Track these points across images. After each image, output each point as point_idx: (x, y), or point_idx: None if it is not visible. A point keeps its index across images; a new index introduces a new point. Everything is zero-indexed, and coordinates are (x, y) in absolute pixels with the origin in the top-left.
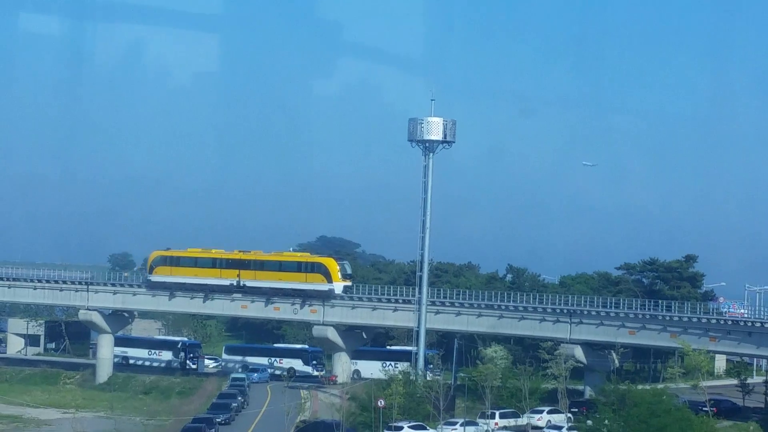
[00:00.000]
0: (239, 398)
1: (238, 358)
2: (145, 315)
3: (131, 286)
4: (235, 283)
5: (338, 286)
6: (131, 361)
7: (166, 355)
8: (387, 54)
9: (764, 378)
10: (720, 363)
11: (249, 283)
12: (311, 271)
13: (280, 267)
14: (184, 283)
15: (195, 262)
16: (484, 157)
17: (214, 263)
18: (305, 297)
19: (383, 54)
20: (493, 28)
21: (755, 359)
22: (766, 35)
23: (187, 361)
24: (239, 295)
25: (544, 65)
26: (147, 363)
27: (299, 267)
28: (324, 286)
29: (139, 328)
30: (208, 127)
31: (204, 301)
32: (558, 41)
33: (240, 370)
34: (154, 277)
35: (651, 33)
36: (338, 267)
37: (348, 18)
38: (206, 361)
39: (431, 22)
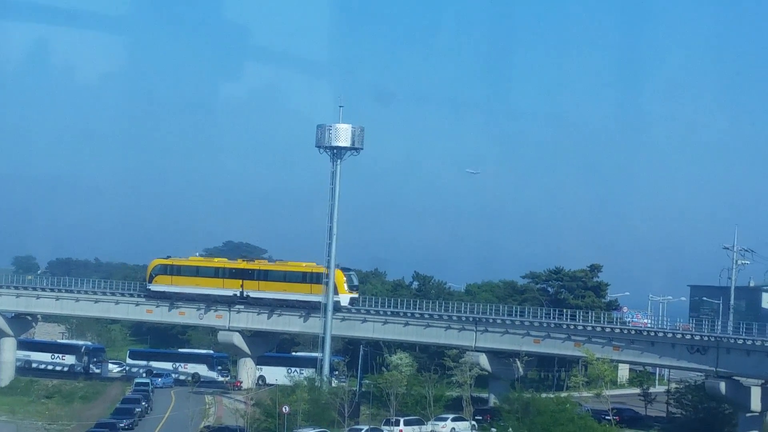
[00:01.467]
0: (143, 403)
1: (143, 362)
2: (48, 318)
3: (35, 289)
4: (238, 294)
5: (344, 298)
6: (34, 365)
7: (70, 359)
8: (296, 59)
9: (666, 387)
10: (623, 372)
11: (252, 294)
12: (317, 282)
13: (285, 277)
14: (186, 293)
15: (197, 271)
16: (392, 163)
17: (216, 272)
18: (311, 309)
19: (292, 59)
20: (401, 35)
21: (657, 369)
22: (670, 41)
23: (91, 366)
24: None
25: (453, 70)
26: (50, 367)
27: (304, 277)
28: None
29: (42, 332)
30: (116, 129)
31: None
32: (464, 46)
33: (144, 374)
34: (154, 287)
35: (556, 39)
36: (345, 278)
37: (256, 22)
38: (110, 366)
39: (340, 28)
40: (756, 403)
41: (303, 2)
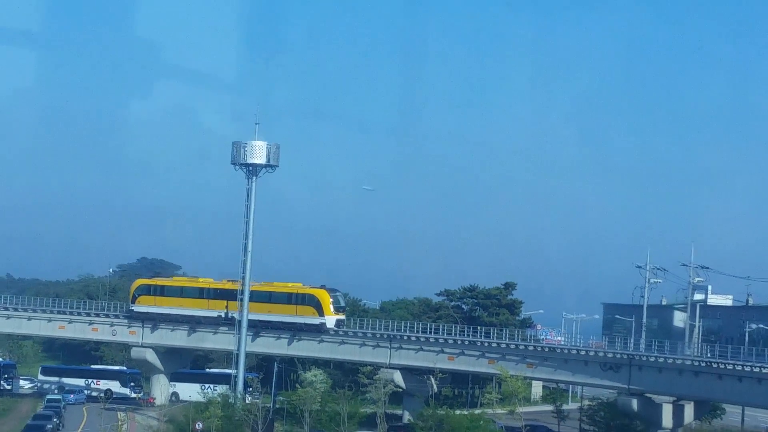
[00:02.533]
0: (54, 420)
1: (55, 379)
2: None
3: None
4: (223, 315)
5: (330, 319)
6: None
7: None
8: (209, 77)
9: (579, 404)
10: (537, 389)
11: (237, 315)
12: (302, 303)
13: (270, 298)
14: (169, 314)
15: (181, 292)
16: (309, 180)
17: (201, 293)
18: (296, 331)
19: (205, 77)
20: (319, 53)
21: (571, 386)
22: (581, 59)
23: (1, 382)
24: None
25: (364, 89)
26: None
27: (289, 298)
28: (315, 320)
29: None
30: (26, 145)
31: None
32: (379, 60)
33: (56, 391)
34: (137, 308)
35: (466, 58)
36: (330, 299)
37: (168, 39)
38: (21, 382)
39: (258, 47)
40: (667, 420)
41: (216, 21)
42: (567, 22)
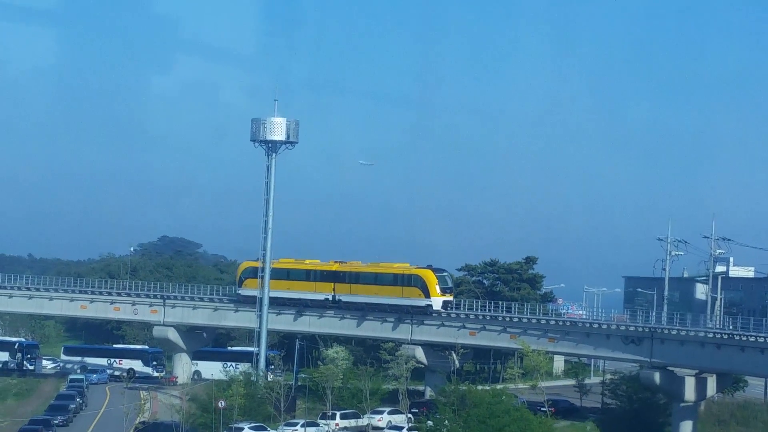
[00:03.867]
0: (77, 399)
1: (77, 359)
2: None
3: None
4: (330, 298)
5: (437, 301)
6: None
7: (3, 356)
8: (230, 53)
9: (601, 378)
10: (558, 364)
11: (344, 298)
12: (407, 285)
13: (376, 279)
14: (276, 298)
15: (287, 274)
16: (327, 156)
17: (308, 275)
18: (401, 313)
19: (226, 53)
20: (335, 32)
21: (593, 360)
22: (594, 31)
23: (25, 362)
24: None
25: (388, 64)
26: None
27: (395, 279)
28: (421, 302)
29: None
30: (48, 123)
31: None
32: (397, 38)
33: (78, 371)
34: (244, 291)
35: (478, 35)
36: (437, 280)
37: (187, 16)
38: (44, 362)
39: (275, 22)
40: (690, 393)
41: None
42: None
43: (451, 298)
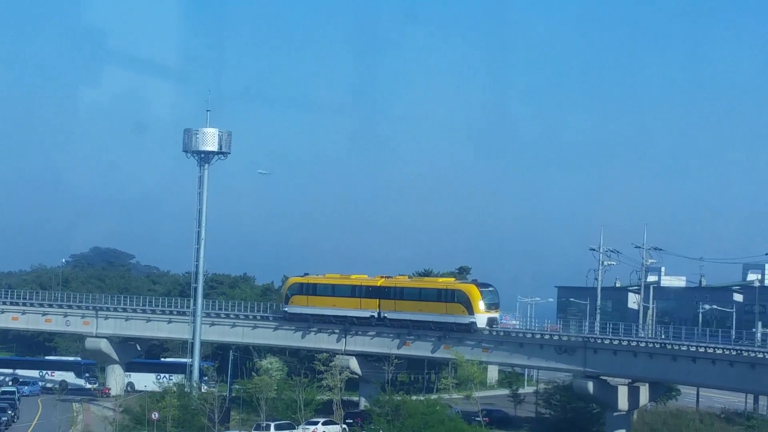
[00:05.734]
0: (9, 412)
1: (8, 371)
2: None
3: None
4: (375, 315)
5: (481, 318)
6: None
7: None
8: (159, 65)
9: (535, 388)
10: (492, 374)
11: (389, 315)
12: (450, 301)
13: (420, 295)
14: (323, 315)
15: (333, 290)
16: (260, 165)
17: (353, 291)
18: (445, 330)
19: (155, 65)
20: (263, 38)
21: (526, 369)
22: (538, 42)
23: None
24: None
25: (323, 71)
26: None
27: (439, 295)
28: (464, 319)
29: None
30: None
31: None
32: (326, 41)
33: (10, 383)
34: (291, 308)
35: (417, 39)
36: (481, 295)
37: (116, 27)
38: None
39: (203, 33)
40: (623, 402)
41: (162, 8)
42: (519, 6)
43: (497, 315)
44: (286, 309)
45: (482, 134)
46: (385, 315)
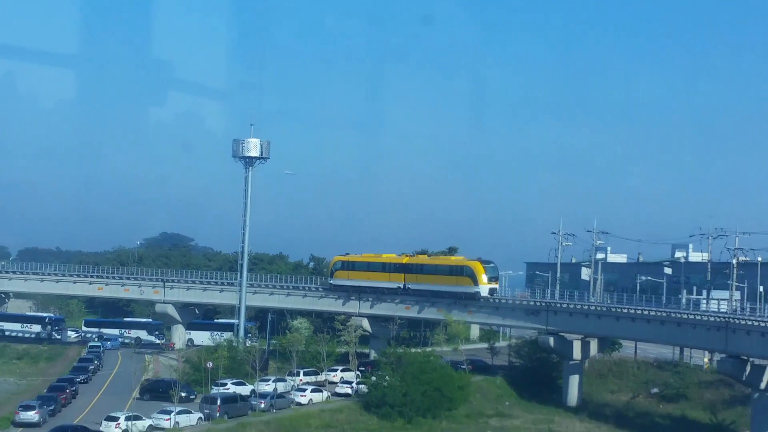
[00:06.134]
0: (95, 362)
1: (95, 329)
2: (19, 296)
3: (7, 272)
4: (401, 287)
5: (484, 288)
6: (7, 333)
7: (36, 328)
8: (210, 88)
9: (508, 342)
10: (474, 331)
11: (412, 286)
12: (460, 274)
13: (436, 270)
14: (359, 286)
15: (368, 267)
16: (294, 167)
17: (384, 267)
18: (455, 299)
19: (208, 88)
20: (296, 66)
21: (501, 328)
22: (467, 51)
23: (53, 333)
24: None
25: (339, 91)
26: (20, 334)
27: (450, 270)
28: (471, 289)
29: (14, 307)
30: (73, 144)
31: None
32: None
33: (96, 339)
34: (335, 281)
35: (416, 62)
36: (484, 269)
37: (177, 59)
38: (69, 333)
39: (250, 62)
40: (577, 353)
41: (217, 41)
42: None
43: (496, 286)
44: (331, 281)
45: (467, 140)
46: (409, 286)
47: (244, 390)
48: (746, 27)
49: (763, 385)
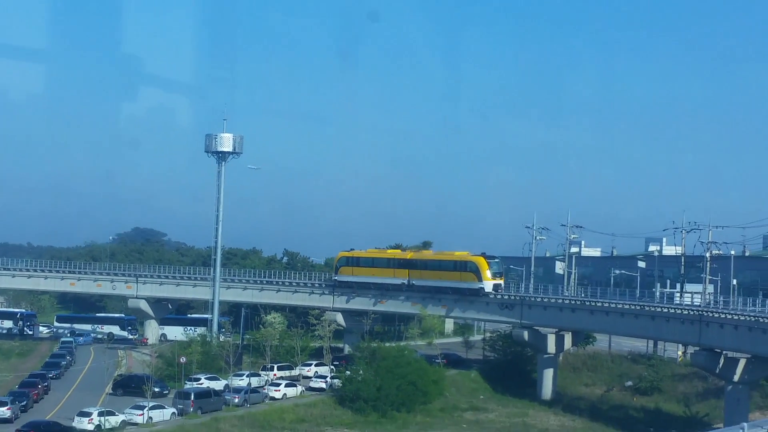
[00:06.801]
0: (68, 357)
1: (67, 325)
2: None
3: None
4: (405, 282)
5: (488, 284)
6: None
7: (7, 324)
8: (181, 83)
9: (483, 336)
10: (449, 325)
11: (416, 282)
12: (464, 270)
13: (440, 266)
14: (364, 282)
15: (372, 262)
16: (266, 162)
17: (388, 263)
18: (460, 294)
19: (178, 83)
20: (269, 61)
21: (476, 322)
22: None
23: (25, 328)
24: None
25: (311, 87)
26: None
27: (454, 266)
28: (475, 285)
29: None
30: (42, 140)
31: (38, 280)
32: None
33: (68, 335)
34: (340, 277)
35: (393, 57)
36: (488, 265)
37: (148, 53)
38: (41, 328)
39: (221, 57)
40: (551, 347)
41: (183, 35)
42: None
43: (501, 282)
44: (336, 278)
45: (445, 139)
46: (413, 282)
47: (218, 385)
48: (716, 20)
49: (736, 378)
